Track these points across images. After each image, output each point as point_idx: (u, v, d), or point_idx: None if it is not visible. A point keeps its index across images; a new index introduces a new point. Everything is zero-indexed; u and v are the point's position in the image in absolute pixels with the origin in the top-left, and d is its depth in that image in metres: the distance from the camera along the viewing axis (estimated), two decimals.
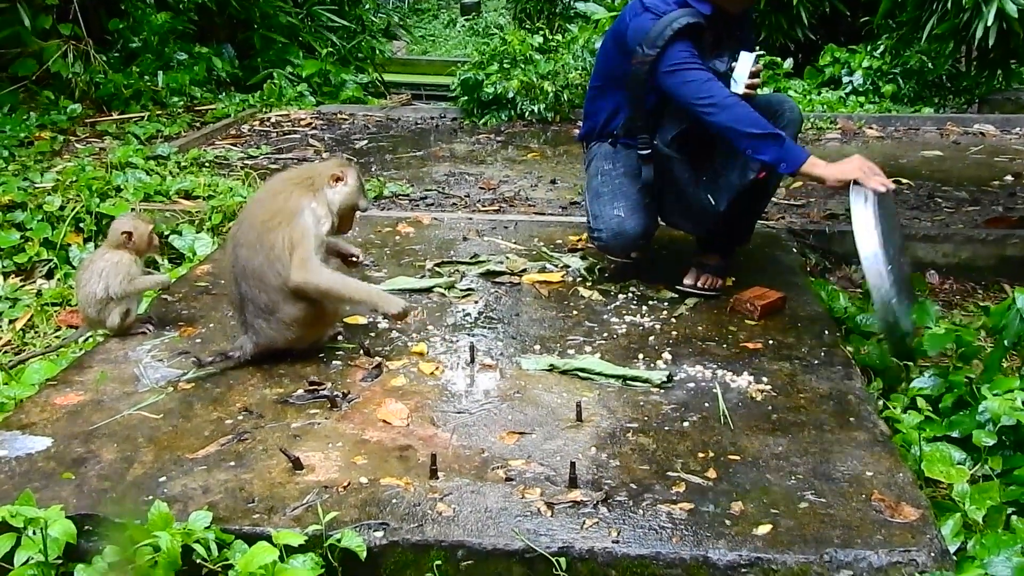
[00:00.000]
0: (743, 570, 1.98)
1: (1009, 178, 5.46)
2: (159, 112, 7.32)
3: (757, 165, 3.18)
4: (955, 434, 2.63)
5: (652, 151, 3.31)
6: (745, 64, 3.22)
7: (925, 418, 2.77)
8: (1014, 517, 2.25)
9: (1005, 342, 2.80)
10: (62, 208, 4.59)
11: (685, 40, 3.14)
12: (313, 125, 7.35)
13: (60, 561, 2.04)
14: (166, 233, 4.47)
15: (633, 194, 3.40)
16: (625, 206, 3.39)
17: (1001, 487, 2.40)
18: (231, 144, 6.61)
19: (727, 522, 2.10)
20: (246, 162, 6.00)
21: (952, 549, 2.11)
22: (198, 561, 1.98)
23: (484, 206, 5.07)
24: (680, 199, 3.39)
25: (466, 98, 7.46)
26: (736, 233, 3.62)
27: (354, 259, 3.13)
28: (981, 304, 3.76)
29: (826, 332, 3.14)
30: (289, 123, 7.40)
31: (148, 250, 3.18)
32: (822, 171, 3.03)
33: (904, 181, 5.35)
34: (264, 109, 7.80)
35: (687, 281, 3.48)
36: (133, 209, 4.49)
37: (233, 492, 2.21)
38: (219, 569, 1.99)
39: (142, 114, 7.21)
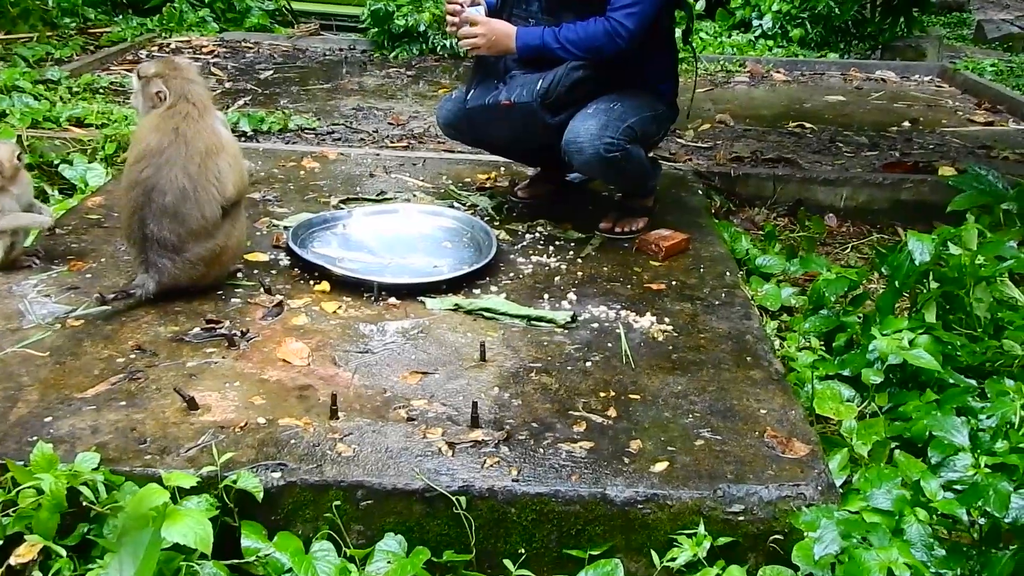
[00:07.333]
0: (640, 506, 2.02)
1: (906, 124, 5.62)
2: (49, 33, 6.91)
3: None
4: (846, 372, 2.73)
5: None
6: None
7: (818, 357, 2.86)
8: (897, 452, 2.35)
9: (896, 284, 2.89)
10: None
11: None
12: (216, 53, 7.06)
13: None
14: (55, 162, 4.25)
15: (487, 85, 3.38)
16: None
17: (886, 423, 2.50)
18: (127, 70, 6.28)
19: (625, 459, 2.13)
20: None
21: (838, 483, 2.19)
22: (85, 504, 1.92)
23: (392, 142, 4.97)
24: None
25: (376, 30, 7.26)
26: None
27: None
28: (875, 247, 3.87)
29: (728, 273, 3.19)
30: (191, 50, 7.08)
31: (14, 178, 2.95)
32: None
33: (808, 125, 5.46)
34: (164, 35, 7.44)
35: (603, 225, 3.52)
36: (20, 136, 4.25)
37: (124, 432, 2.14)
38: (108, 511, 1.92)
39: (31, 35, 6.79)
